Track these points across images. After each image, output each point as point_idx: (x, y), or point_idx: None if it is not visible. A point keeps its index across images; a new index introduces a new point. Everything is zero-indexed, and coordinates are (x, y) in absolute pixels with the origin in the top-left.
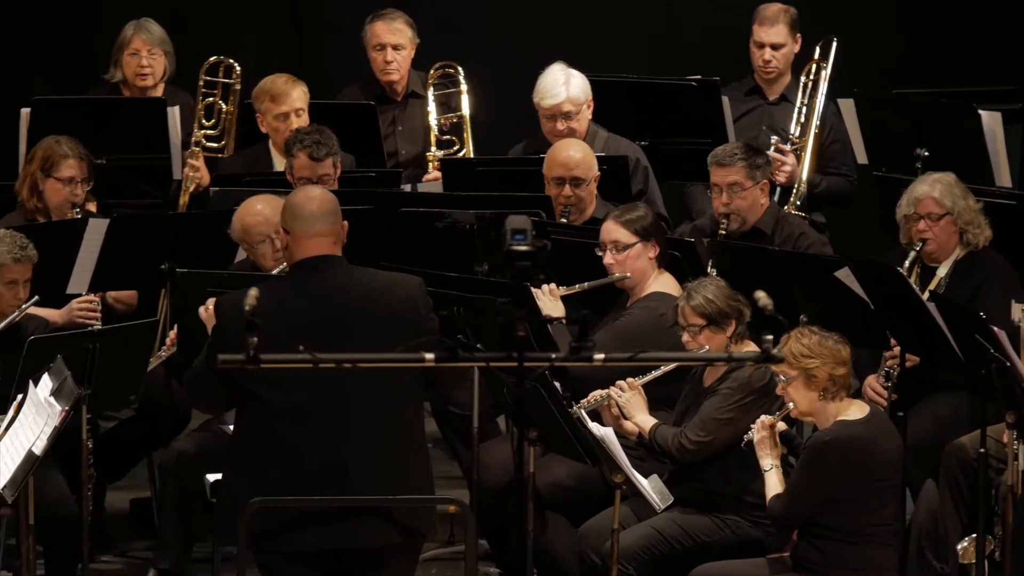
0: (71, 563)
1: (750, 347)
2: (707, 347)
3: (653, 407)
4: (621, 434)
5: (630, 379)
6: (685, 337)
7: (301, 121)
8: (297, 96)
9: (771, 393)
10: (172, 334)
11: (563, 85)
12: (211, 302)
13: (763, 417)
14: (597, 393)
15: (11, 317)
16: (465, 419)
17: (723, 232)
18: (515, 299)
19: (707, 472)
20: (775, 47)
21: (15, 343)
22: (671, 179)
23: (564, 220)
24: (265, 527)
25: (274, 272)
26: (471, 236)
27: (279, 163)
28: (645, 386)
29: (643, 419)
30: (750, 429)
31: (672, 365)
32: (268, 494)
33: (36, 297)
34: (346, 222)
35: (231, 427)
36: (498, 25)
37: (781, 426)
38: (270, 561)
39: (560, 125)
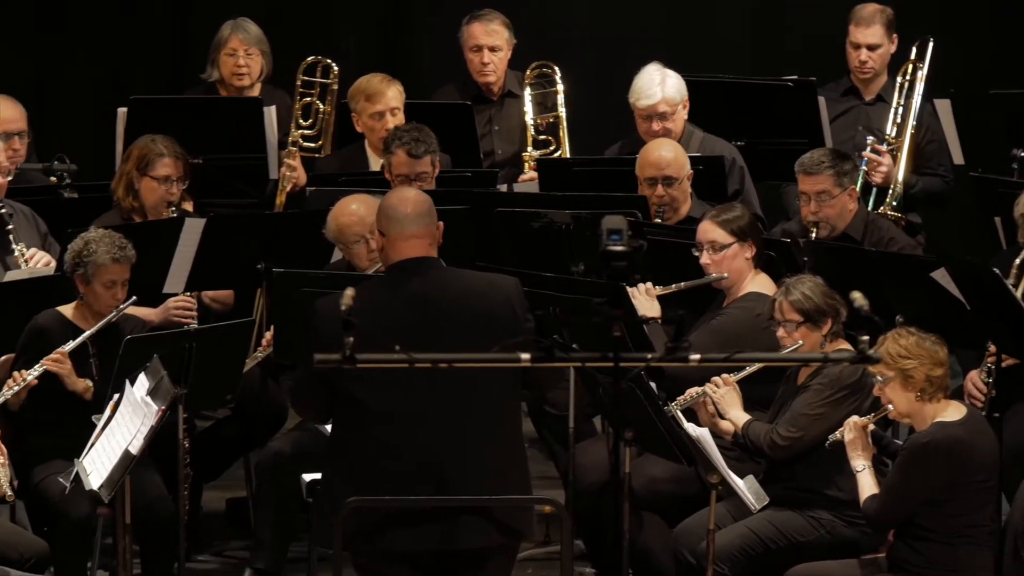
0: (167, 563)
1: (843, 346)
2: (801, 343)
3: (748, 407)
4: (716, 434)
5: (725, 375)
6: (780, 332)
7: (396, 120)
8: (392, 95)
9: (862, 389)
10: (268, 334)
11: (658, 85)
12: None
13: (854, 418)
14: (693, 390)
15: (108, 317)
16: (561, 419)
17: (812, 239)
18: (611, 299)
19: (802, 472)
20: (871, 48)
21: (112, 343)
22: (767, 179)
23: (659, 220)
24: (362, 527)
25: (369, 272)
26: (567, 236)
27: (375, 163)
28: (740, 385)
29: (737, 415)
30: (839, 427)
31: (766, 363)
32: (365, 494)
33: (134, 297)
34: (442, 223)
35: (328, 427)
36: (595, 25)
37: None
38: (367, 562)
39: (655, 125)
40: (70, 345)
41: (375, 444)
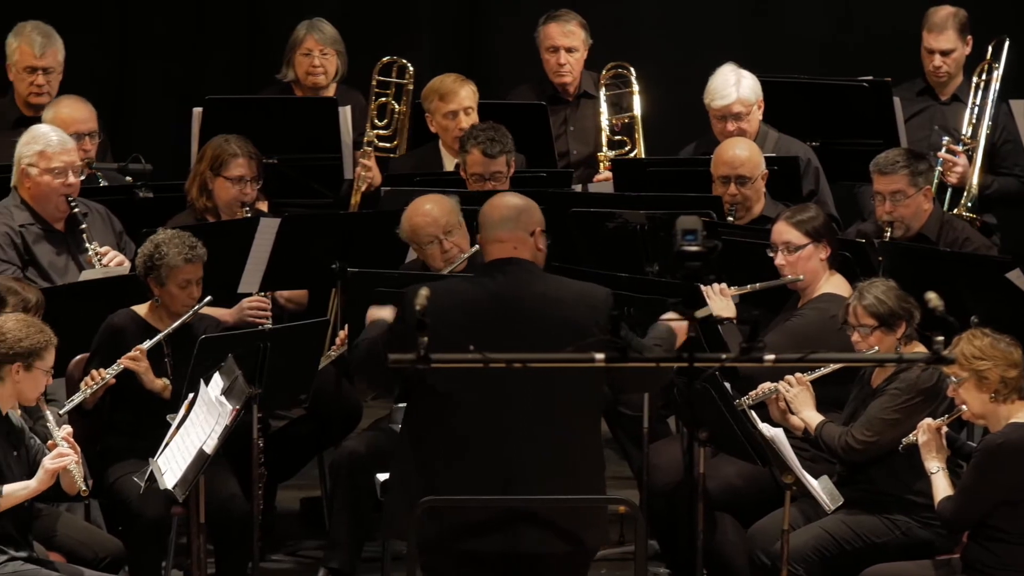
0: (242, 562)
1: (918, 349)
2: (877, 348)
3: (822, 408)
4: (790, 435)
5: (799, 374)
6: (855, 337)
7: (470, 119)
8: (466, 95)
9: (938, 395)
10: (342, 333)
11: (733, 86)
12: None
13: (928, 420)
14: (766, 385)
15: (184, 317)
16: (635, 420)
17: (887, 239)
18: (686, 299)
19: (876, 473)
20: (945, 53)
21: (187, 342)
22: (842, 180)
23: (730, 219)
24: (431, 526)
25: (444, 272)
26: (642, 236)
27: (448, 163)
28: (814, 386)
29: (810, 415)
30: (914, 431)
31: (840, 364)
32: (436, 493)
33: (209, 297)
34: (539, 227)
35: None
36: (670, 25)
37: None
38: (437, 562)
39: (730, 126)
40: (148, 344)
41: (448, 443)
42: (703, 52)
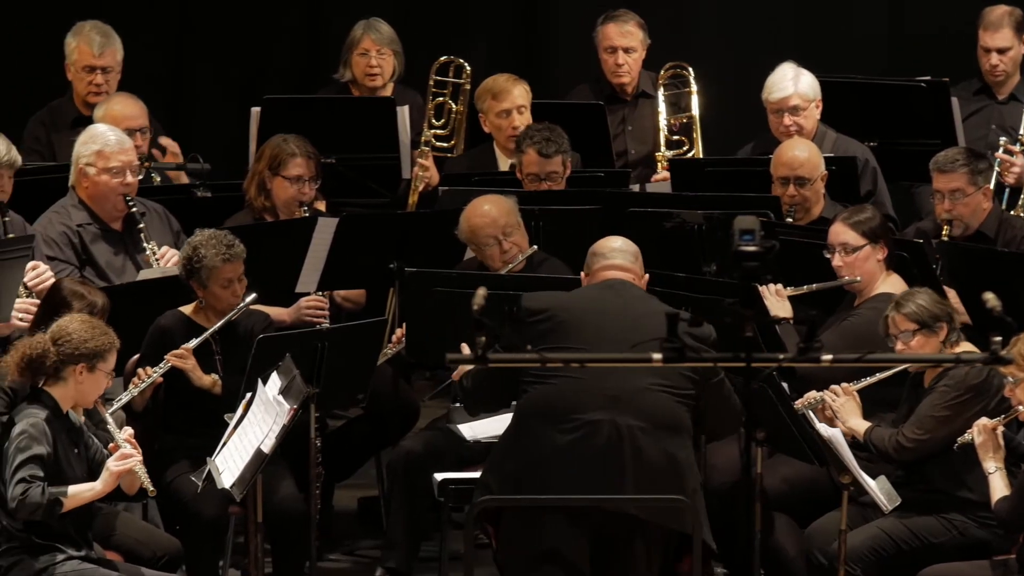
0: (299, 561)
1: (968, 349)
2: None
3: (875, 408)
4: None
5: (844, 384)
6: (899, 346)
7: (523, 119)
8: (519, 94)
9: (989, 392)
10: (399, 332)
11: (792, 80)
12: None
13: (984, 420)
14: (812, 395)
15: (230, 315)
16: None
17: (946, 238)
18: (743, 299)
19: (933, 473)
20: (1001, 51)
21: (234, 339)
22: (899, 180)
23: (790, 220)
24: (512, 525)
25: (502, 273)
26: (699, 236)
27: (503, 163)
28: (866, 388)
29: (856, 423)
30: (967, 430)
31: (888, 372)
32: (517, 491)
33: (254, 295)
34: (648, 276)
35: (459, 427)
36: (728, 26)
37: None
38: (511, 559)
39: (787, 120)
40: (194, 342)
41: (534, 442)
42: (761, 52)
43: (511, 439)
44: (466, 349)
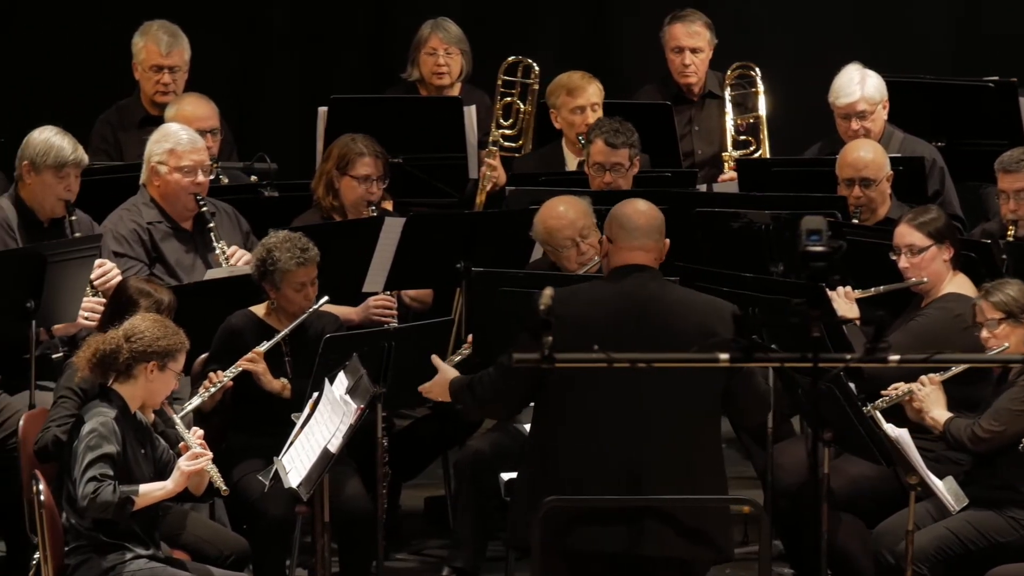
0: (366, 561)
1: None
2: (1007, 344)
3: (952, 408)
4: (916, 434)
5: (931, 375)
6: (984, 334)
7: (597, 116)
8: (593, 91)
9: None
10: (471, 337)
11: (858, 84)
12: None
13: None
14: (900, 386)
15: (301, 317)
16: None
17: (1011, 238)
18: (810, 300)
19: (1004, 471)
20: None
21: (305, 342)
22: (967, 180)
23: (855, 220)
24: (555, 527)
25: (578, 273)
26: (766, 236)
27: (571, 162)
28: (944, 386)
29: (939, 413)
30: None
31: (974, 363)
32: (561, 493)
33: (326, 297)
34: (668, 240)
35: (526, 426)
36: (795, 25)
37: None
38: (558, 561)
39: (854, 124)
40: (265, 346)
41: (575, 445)
42: (828, 52)
43: (548, 445)
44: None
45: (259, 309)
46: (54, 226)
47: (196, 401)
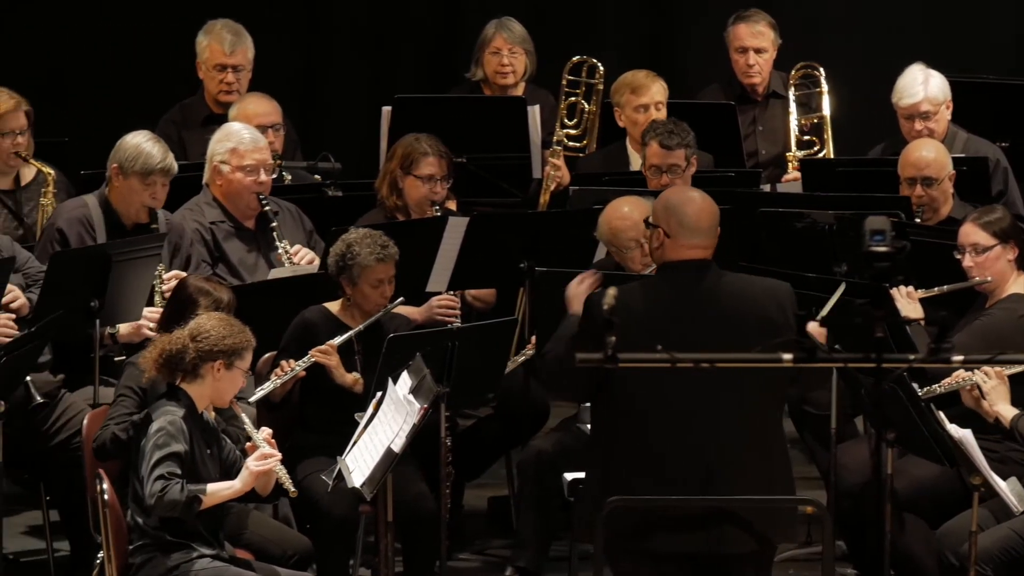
0: (429, 561)
1: None
2: None
3: (1016, 407)
4: (980, 435)
5: (997, 367)
6: None
7: (660, 115)
8: (657, 90)
9: None
10: (534, 339)
11: (921, 84)
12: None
13: None
14: (962, 374)
15: (377, 315)
16: (822, 420)
17: None
18: (874, 300)
19: None
20: None
21: (378, 340)
22: None
23: (917, 220)
24: (622, 527)
25: (644, 273)
26: (830, 236)
27: (635, 161)
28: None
29: (1005, 409)
30: None
31: None
32: (626, 493)
33: (401, 298)
34: (719, 229)
35: (590, 426)
36: (859, 25)
37: None
38: (624, 561)
39: (918, 125)
40: (339, 339)
41: (639, 443)
42: (892, 51)
43: (610, 446)
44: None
45: (334, 306)
46: (137, 232)
47: (267, 387)
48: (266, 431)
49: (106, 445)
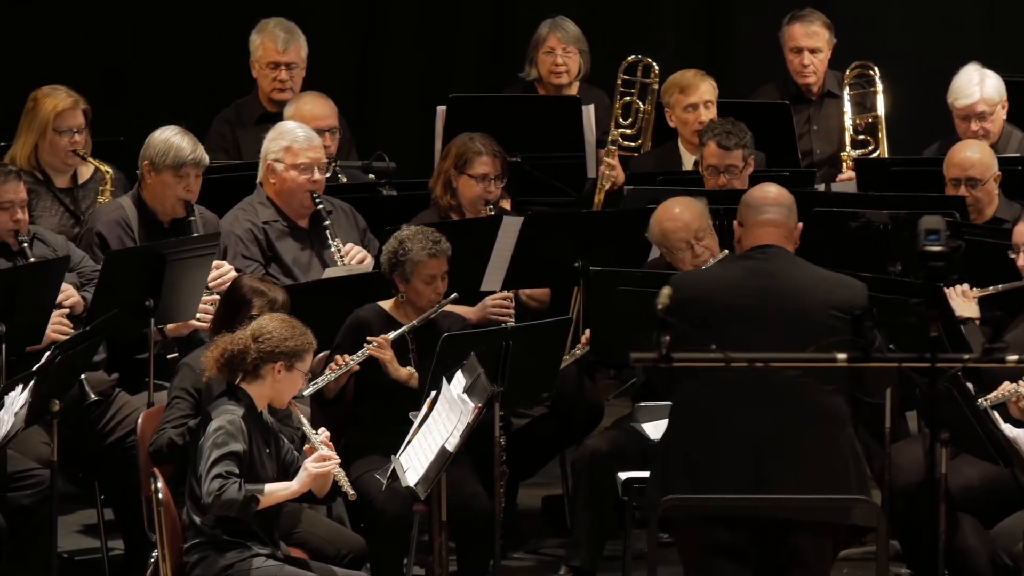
0: (483, 560)
1: None
2: None
3: None
4: None
5: None
6: None
7: (710, 114)
8: (705, 89)
9: None
10: (587, 335)
11: (977, 85)
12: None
13: None
14: (1007, 386)
15: (430, 311)
16: (876, 419)
17: None
18: (929, 299)
19: None
20: None
21: (431, 338)
22: None
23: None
24: (689, 518)
25: None
26: (885, 236)
27: (687, 161)
28: None
29: None
30: None
31: None
32: (695, 488)
33: (455, 295)
34: (801, 224)
35: (643, 425)
36: (914, 25)
37: None
38: (690, 552)
39: (974, 125)
40: (393, 334)
41: (705, 437)
42: (947, 51)
43: (673, 438)
44: None
45: (387, 304)
46: (175, 227)
47: (321, 382)
48: (324, 432)
49: (163, 450)
